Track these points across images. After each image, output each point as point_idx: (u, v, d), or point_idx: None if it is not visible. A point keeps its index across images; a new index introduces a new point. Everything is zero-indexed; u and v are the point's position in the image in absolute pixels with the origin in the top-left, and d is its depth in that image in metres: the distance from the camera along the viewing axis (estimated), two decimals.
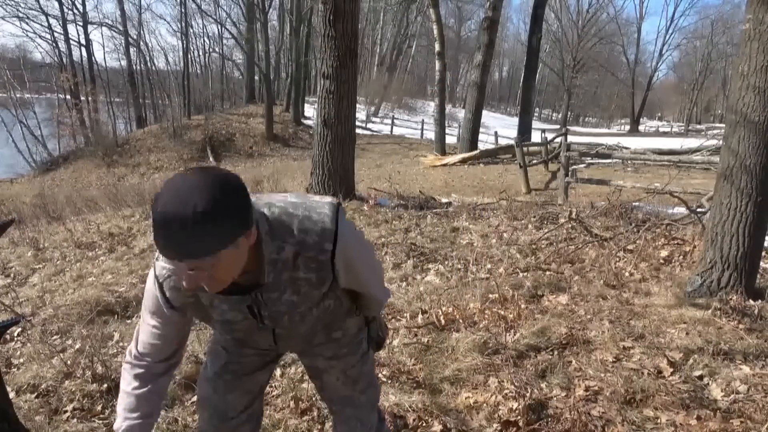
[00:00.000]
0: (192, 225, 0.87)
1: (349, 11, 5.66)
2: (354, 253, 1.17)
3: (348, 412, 1.51)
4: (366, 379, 1.49)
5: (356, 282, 1.25)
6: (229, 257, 0.95)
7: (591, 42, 43.60)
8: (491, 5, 15.52)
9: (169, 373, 1.29)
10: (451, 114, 29.57)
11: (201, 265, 0.93)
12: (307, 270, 1.12)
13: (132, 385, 1.23)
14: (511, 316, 3.25)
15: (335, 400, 1.52)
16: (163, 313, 1.17)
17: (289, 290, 1.15)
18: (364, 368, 1.47)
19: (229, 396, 1.42)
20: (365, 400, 1.52)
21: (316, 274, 1.14)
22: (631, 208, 5.72)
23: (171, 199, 0.88)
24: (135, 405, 1.21)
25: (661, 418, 2.22)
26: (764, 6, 3.18)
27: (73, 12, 31.11)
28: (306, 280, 1.14)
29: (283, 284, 1.13)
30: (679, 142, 17.39)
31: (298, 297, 1.16)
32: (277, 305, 1.17)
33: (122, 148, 25.14)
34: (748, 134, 3.30)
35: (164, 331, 1.20)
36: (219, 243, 0.91)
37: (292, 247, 1.08)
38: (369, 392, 1.52)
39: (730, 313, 3.22)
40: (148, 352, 1.23)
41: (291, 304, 1.18)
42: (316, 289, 1.17)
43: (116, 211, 8.26)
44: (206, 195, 0.88)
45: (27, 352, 3.19)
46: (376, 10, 37.68)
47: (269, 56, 27.67)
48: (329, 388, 1.49)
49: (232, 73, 43.47)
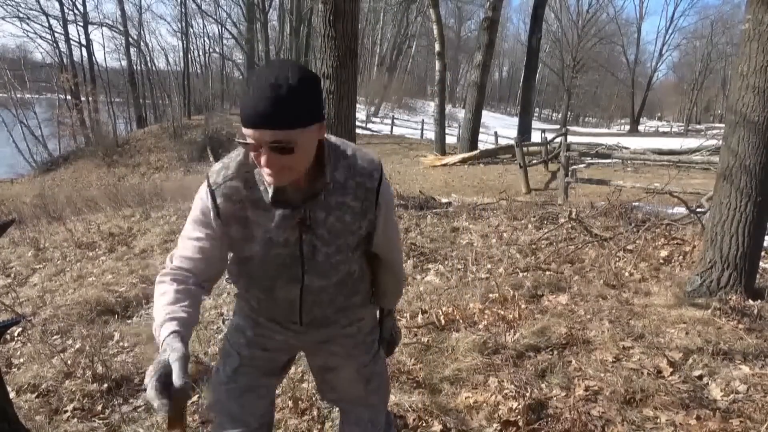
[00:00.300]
0: (291, 90, 0.98)
1: (349, 11, 5.66)
2: (390, 201, 1.28)
3: (359, 412, 1.49)
4: (378, 379, 1.49)
5: (386, 237, 1.30)
6: (308, 140, 1.04)
7: (591, 42, 43.61)
8: (491, 5, 15.53)
9: (201, 295, 1.22)
10: (451, 114, 29.57)
11: (288, 137, 1.00)
12: (355, 197, 1.19)
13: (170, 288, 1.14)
14: (511, 316, 3.25)
15: (346, 400, 1.50)
16: (209, 224, 1.18)
17: (335, 215, 1.19)
18: (376, 368, 1.47)
19: (242, 400, 1.39)
20: (377, 400, 1.51)
21: (361, 203, 1.20)
22: (631, 208, 5.73)
23: (271, 71, 1.00)
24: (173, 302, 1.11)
25: (660, 417, 2.23)
26: (764, 6, 3.18)
27: (74, 12, 31.17)
28: (351, 208, 1.20)
29: (332, 207, 1.18)
30: (679, 142, 17.40)
31: (341, 225, 1.20)
32: (321, 229, 1.19)
33: (122, 148, 25.16)
34: (747, 134, 3.30)
35: (204, 245, 1.18)
36: (307, 114, 1.02)
37: (345, 169, 1.17)
38: (381, 393, 1.52)
39: (730, 313, 3.22)
40: (186, 267, 1.19)
41: (332, 233, 1.20)
42: (358, 221, 1.22)
43: (116, 211, 8.27)
44: (300, 71, 1.01)
45: (27, 352, 3.20)
46: (376, 10, 37.71)
47: (269, 56, 27.70)
48: (341, 388, 1.47)
49: (232, 73, 43.46)
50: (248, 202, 1.16)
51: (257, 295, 1.33)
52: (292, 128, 1.00)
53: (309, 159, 1.09)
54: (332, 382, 1.47)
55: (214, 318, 3.58)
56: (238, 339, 1.41)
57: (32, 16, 30.46)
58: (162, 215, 7.21)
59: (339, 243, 1.22)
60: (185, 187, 12.12)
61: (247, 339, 1.40)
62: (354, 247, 1.26)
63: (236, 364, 1.39)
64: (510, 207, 6.30)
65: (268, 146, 1.01)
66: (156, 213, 7.42)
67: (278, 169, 1.04)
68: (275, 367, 1.46)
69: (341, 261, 1.26)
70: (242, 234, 1.19)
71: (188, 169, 22.18)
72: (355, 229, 1.23)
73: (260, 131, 1.00)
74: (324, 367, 1.46)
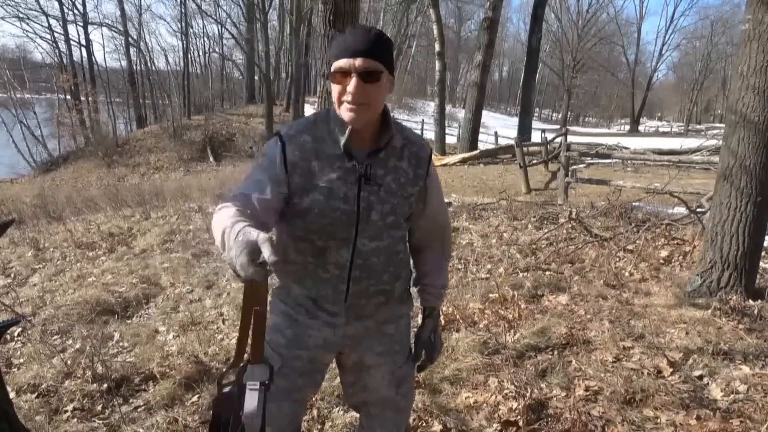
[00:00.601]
0: (381, 35, 1.20)
1: (349, 11, 5.65)
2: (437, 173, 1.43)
3: (387, 416, 1.48)
4: (408, 383, 1.50)
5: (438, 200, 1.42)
6: (385, 83, 1.21)
7: (591, 42, 43.58)
8: (491, 5, 15.52)
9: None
10: (451, 114, 29.55)
11: (376, 66, 1.17)
12: (409, 163, 1.33)
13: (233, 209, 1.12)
14: (511, 316, 3.25)
15: (374, 402, 1.48)
16: (274, 171, 1.25)
17: (392, 175, 1.30)
18: (409, 372, 1.49)
19: (283, 404, 1.39)
20: (405, 405, 1.51)
21: (414, 170, 1.33)
22: (631, 208, 5.73)
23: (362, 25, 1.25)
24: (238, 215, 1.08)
25: (660, 418, 2.23)
26: (764, 6, 3.19)
27: (74, 12, 31.15)
28: (405, 172, 1.32)
29: (389, 167, 1.30)
30: (679, 142, 17.40)
31: (396, 186, 1.31)
32: (379, 186, 1.29)
33: (122, 148, 25.14)
34: (747, 134, 3.30)
35: (265, 188, 1.23)
36: (390, 58, 1.22)
37: (401, 139, 1.32)
38: (408, 399, 1.52)
39: (730, 313, 3.22)
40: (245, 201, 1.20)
41: (388, 192, 1.29)
42: (410, 186, 1.33)
43: (116, 212, 8.27)
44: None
45: (27, 352, 3.20)
46: (376, 10, 37.70)
47: (269, 56, 27.69)
48: (372, 387, 1.45)
49: (232, 73, 43.50)
50: (314, 154, 1.26)
51: (307, 260, 1.32)
52: (380, 60, 1.18)
53: (380, 105, 1.24)
54: (365, 381, 1.46)
55: (214, 318, 3.58)
56: (277, 339, 1.40)
57: (32, 16, 30.48)
58: (162, 215, 7.22)
59: (393, 203, 1.30)
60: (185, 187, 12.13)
61: (287, 339, 1.39)
62: (404, 213, 1.34)
63: (278, 365, 1.37)
64: (510, 207, 6.30)
65: (358, 72, 1.16)
66: (156, 213, 7.42)
67: (360, 100, 1.17)
68: (314, 370, 1.43)
69: (392, 225, 1.32)
70: (304, 183, 1.26)
71: (188, 169, 22.18)
72: (407, 195, 1.33)
73: (354, 59, 1.16)
74: (359, 364, 1.44)
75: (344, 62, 1.16)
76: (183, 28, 34.31)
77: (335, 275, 1.32)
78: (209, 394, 2.53)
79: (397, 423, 1.50)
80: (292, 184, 1.26)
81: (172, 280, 4.48)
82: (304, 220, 1.28)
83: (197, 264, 4.92)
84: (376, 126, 1.28)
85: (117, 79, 35.97)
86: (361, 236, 1.29)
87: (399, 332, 1.45)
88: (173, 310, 3.83)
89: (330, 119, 1.28)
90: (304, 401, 1.50)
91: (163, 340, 3.29)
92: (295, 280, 1.37)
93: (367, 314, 1.38)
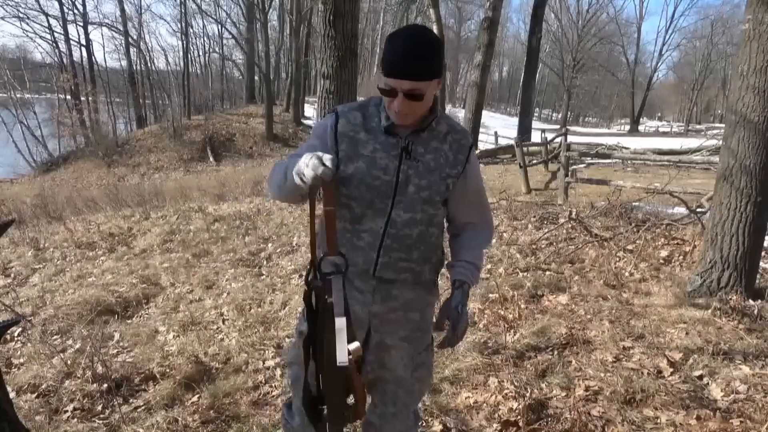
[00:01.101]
0: (427, 50, 1.24)
1: (349, 11, 5.66)
2: (477, 161, 1.50)
3: (398, 393, 1.54)
4: (426, 369, 1.56)
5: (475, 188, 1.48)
6: (432, 91, 1.29)
7: (591, 42, 43.58)
8: (491, 5, 15.53)
9: None
10: (451, 114, 29.51)
11: (421, 88, 1.25)
12: (450, 147, 1.41)
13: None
14: (511, 316, 3.26)
15: (389, 380, 1.53)
16: (325, 138, 1.40)
17: (432, 154, 1.39)
18: (427, 359, 1.55)
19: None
20: (418, 388, 1.58)
21: (455, 154, 1.42)
22: (631, 208, 5.73)
23: (409, 32, 1.26)
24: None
25: (661, 418, 2.23)
26: (764, 6, 3.19)
27: (73, 12, 31.17)
28: (445, 154, 1.41)
29: (430, 147, 1.40)
30: (679, 142, 17.41)
31: (435, 164, 1.39)
32: (418, 161, 1.38)
33: (122, 148, 25.15)
34: (747, 134, 3.30)
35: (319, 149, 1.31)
36: (437, 71, 1.27)
37: (446, 126, 1.42)
38: (423, 384, 1.58)
39: (730, 313, 3.22)
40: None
41: (426, 168, 1.38)
42: (449, 168, 1.40)
43: (116, 212, 8.27)
44: (431, 34, 1.27)
45: (27, 352, 3.20)
46: (376, 10, 37.72)
47: (269, 56, 27.70)
48: (390, 365, 1.50)
49: (232, 73, 43.51)
50: (362, 127, 1.39)
51: (345, 227, 1.42)
52: (424, 81, 1.25)
53: (428, 106, 1.34)
54: (384, 359, 1.51)
55: (214, 318, 3.58)
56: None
57: (32, 16, 30.52)
58: (162, 215, 7.21)
59: (430, 179, 1.39)
60: (185, 187, 12.13)
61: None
62: (440, 191, 1.41)
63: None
64: (510, 207, 6.30)
65: (404, 93, 1.25)
66: (156, 213, 7.42)
67: (405, 113, 1.30)
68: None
69: (427, 200, 1.39)
70: (350, 151, 1.39)
71: (188, 169, 22.18)
72: (444, 176, 1.40)
73: (401, 81, 1.24)
74: (381, 344, 1.49)
75: (392, 81, 1.26)
76: (183, 28, 34.35)
77: (368, 243, 1.40)
78: (209, 393, 2.53)
79: (405, 401, 1.56)
80: (340, 152, 1.38)
81: (172, 280, 4.48)
82: (347, 187, 1.39)
83: (197, 264, 4.92)
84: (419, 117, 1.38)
85: (117, 79, 35.98)
86: (397, 207, 1.38)
87: (423, 320, 1.50)
88: (173, 310, 3.83)
89: (381, 102, 1.38)
90: None
91: (163, 340, 3.29)
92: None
93: (394, 295, 1.44)
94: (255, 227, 6.16)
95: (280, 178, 1.36)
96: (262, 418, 2.35)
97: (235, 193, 10.29)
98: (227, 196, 9.91)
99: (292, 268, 4.52)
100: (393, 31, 1.32)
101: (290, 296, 3.80)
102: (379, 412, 1.57)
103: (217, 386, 2.61)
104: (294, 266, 4.56)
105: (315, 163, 1.15)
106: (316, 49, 27.22)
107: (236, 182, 12.32)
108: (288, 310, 3.56)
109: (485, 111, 23.95)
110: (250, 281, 4.29)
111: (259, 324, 3.36)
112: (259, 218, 6.59)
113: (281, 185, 1.36)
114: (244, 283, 4.24)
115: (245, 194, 9.81)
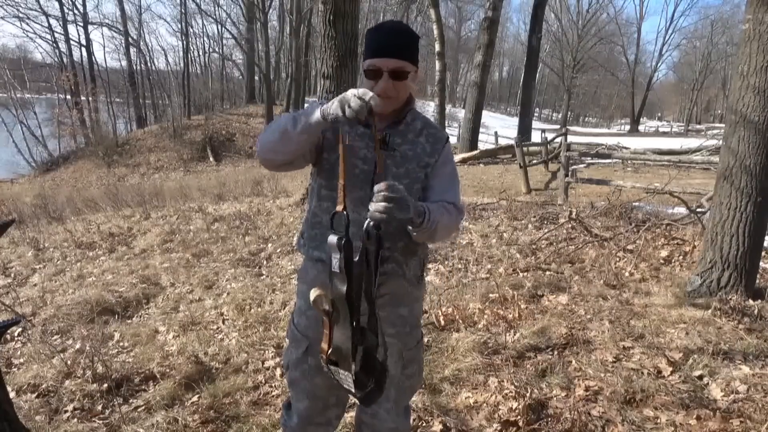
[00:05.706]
0: (410, 34, 1.37)
1: (349, 11, 5.66)
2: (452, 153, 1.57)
3: (390, 392, 1.53)
4: (416, 365, 1.59)
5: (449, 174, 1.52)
6: (411, 77, 1.38)
7: (591, 42, 43.58)
8: (491, 5, 15.53)
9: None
10: (451, 114, 29.56)
11: (405, 66, 1.34)
12: (426, 140, 1.48)
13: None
14: (511, 316, 3.25)
15: None
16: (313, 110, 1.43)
17: (409, 145, 1.46)
18: (418, 355, 1.59)
19: (317, 379, 1.51)
20: (408, 385, 1.60)
21: (432, 145, 1.48)
22: (631, 208, 5.72)
23: (391, 23, 1.40)
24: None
25: (661, 418, 2.23)
26: (764, 6, 3.19)
27: (74, 12, 31.17)
28: (422, 146, 1.47)
29: (407, 139, 1.46)
30: (679, 142, 17.41)
31: (412, 154, 1.45)
32: (395, 151, 1.43)
33: (122, 148, 25.14)
34: (748, 134, 3.30)
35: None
36: (417, 55, 1.39)
37: (421, 122, 1.50)
38: (413, 380, 1.61)
39: (730, 313, 3.22)
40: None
41: (404, 157, 1.44)
42: (426, 158, 1.46)
43: (116, 211, 8.27)
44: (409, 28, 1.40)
45: (27, 352, 3.20)
46: (376, 10, 37.69)
47: (269, 56, 27.71)
48: None
49: (232, 73, 43.50)
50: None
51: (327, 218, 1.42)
52: (409, 59, 1.35)
53: (407, 94, 1.42)
54: None
55: (214, 318, 3.58)
56: (302, 321, 1.53)
57: (32, 16, 30.52)
58: (162, 215, 7.21)
59: (408, 168, 1.44)
60: (185, 187, 12.13)
61: (308, 319, 1.51)
62: (418, 179, 1.45)
63: (305, 345, 1.52)
64: (510, 207, 6.30)
65: (389, 72, 1.32)
66: (156, 213, 7.42)
67: (389, 95, 1.34)
68: None
69: (407, 188, 1.38)
70: (334, 139, 1.43)
71: (188, 169, 22.18)
72: (424, 164, 1.46)
73: (387, 60, 1.32)
74: None
75: (378, 61, 1.33)
76: (183, 28, 34.37)
77: (352, 233, 1.37)
78: (209, 393, 2.53)
79: (396, 399, 1.57)
80: (324, 140, 1.44)
81: (172, 280, 4.48)
82: (327, 177, 1.45)
83: (197, 264, 4.92)
84: (398, 106, 1.45)
85: (117, 79, 35.96)
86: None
87: (412, 316, 1.54)
88: (173, 310, 3.83)
89: None
90: None
91: (163, 340, 3.29)
92: (317, 246, 1.47)
93: (381, 289, 1.43)
94: (255, 227, 6.15)
95: (285, 123, 1.34)
96: (262, 418, 2.35)
97: (235, 193, 10.29)
98: (227, 196, 9.90)
99: (292, 268, 4.52)
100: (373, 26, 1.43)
101: (290, 296, 3.80)
102: (371, 410, 1.57)
103: (217, 386, 2.61)
104: (294, 266, 4.56)
105: (363, 91, 1.19)
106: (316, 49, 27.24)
107: (236, 182, 12.31)
108: (288, 310, 3.56)
109: (485, 111, 23.95)
110: (250, 281, 4.29)
111: (259, 324, 3.36)
112: (259, 218, 6.59)
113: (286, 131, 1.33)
114: (244, 283, 4.24)
115: (245, 194, 9.81)
